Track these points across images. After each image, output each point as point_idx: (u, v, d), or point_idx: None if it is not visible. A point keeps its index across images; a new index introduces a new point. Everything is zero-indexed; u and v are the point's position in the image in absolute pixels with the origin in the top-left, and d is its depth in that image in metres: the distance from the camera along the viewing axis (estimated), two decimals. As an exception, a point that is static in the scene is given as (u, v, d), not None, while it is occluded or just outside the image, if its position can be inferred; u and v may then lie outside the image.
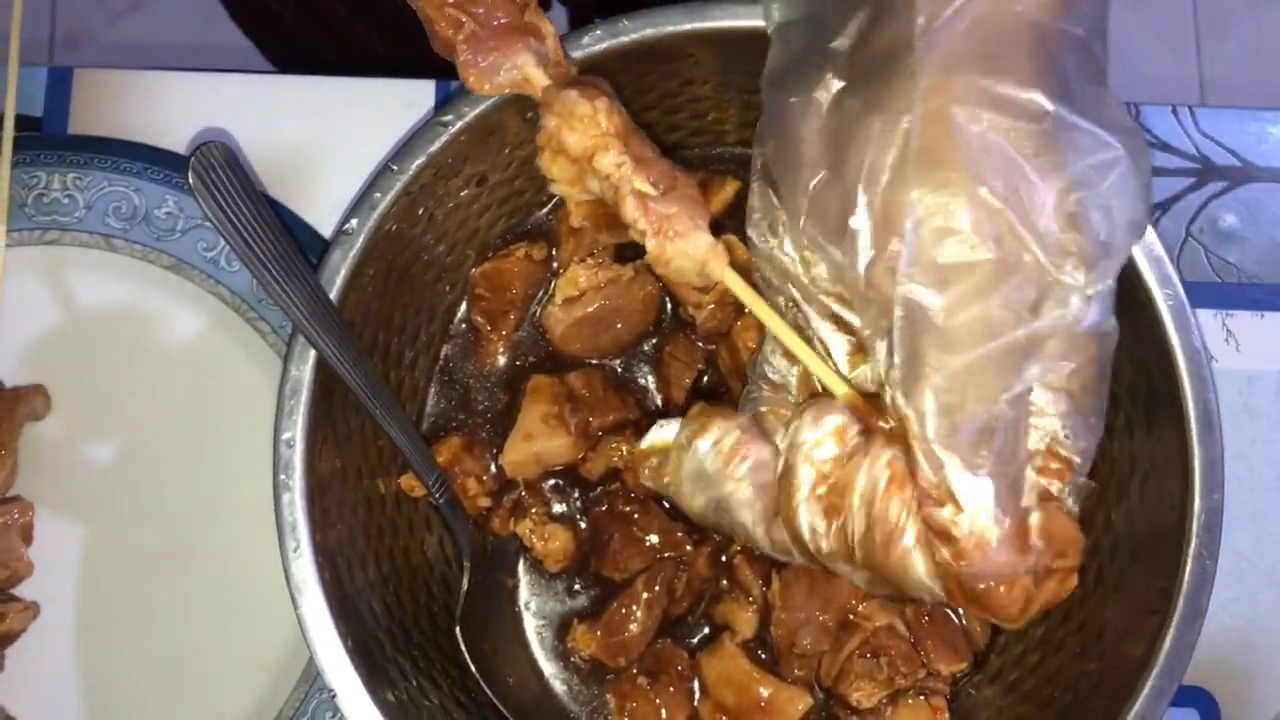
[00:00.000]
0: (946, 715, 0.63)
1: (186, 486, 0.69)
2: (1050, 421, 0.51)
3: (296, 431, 0.57)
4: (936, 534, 0.50)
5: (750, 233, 0.56)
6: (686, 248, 0.55)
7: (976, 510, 0.49)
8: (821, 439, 0.53)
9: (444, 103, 0.62)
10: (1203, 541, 0.56)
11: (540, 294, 0.68)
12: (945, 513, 0.50)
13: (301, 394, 0.57)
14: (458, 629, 0.62)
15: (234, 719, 0.66)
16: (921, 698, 0.63)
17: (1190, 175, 0.74)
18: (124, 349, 0.70)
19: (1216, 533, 0.56)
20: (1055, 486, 0.51)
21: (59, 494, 0.69)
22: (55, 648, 0.67)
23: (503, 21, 0.57)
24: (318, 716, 0.65)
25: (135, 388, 0.70)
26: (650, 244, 0.55)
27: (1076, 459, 0.52)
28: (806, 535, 0.53)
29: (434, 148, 0.58)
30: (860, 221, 0.50)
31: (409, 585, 0.64)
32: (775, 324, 0.56)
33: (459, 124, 0.59)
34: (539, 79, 0.57)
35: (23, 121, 0.72)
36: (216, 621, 0.67)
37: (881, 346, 0.52)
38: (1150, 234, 0.58)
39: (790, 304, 0.56)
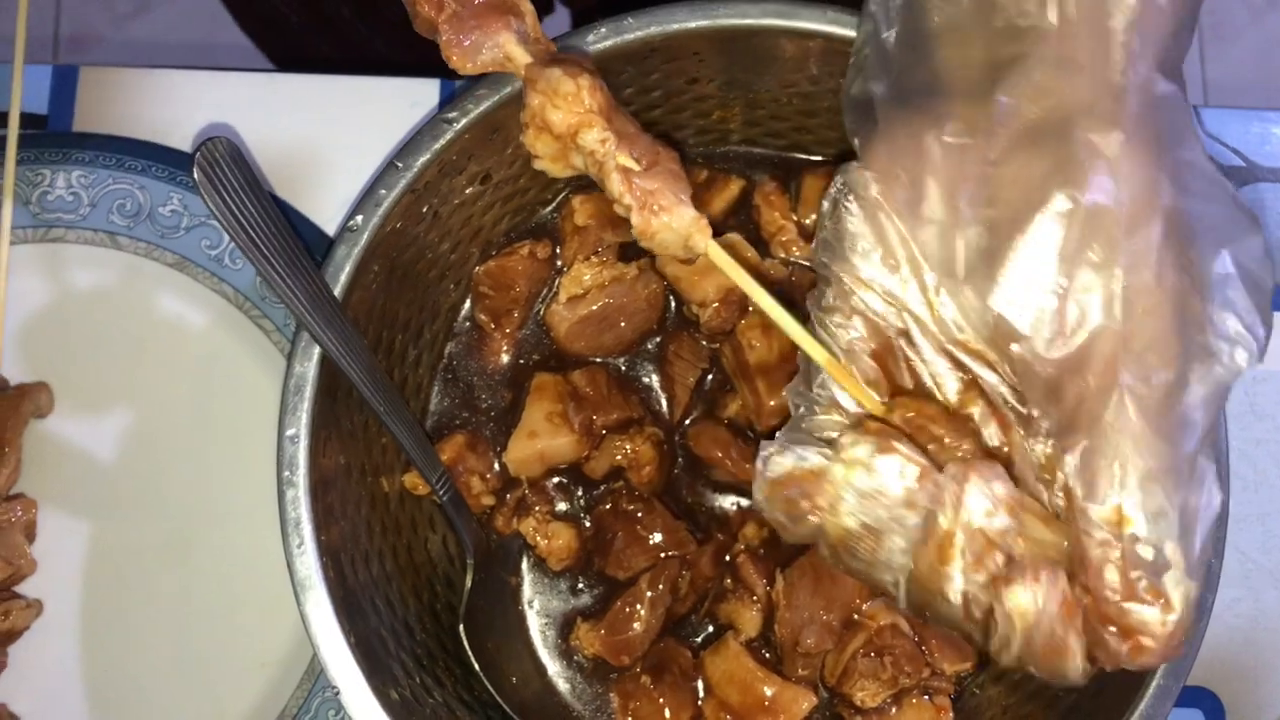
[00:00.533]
0: (951, 715, 0.63)
1: (190, 484, 0.69)
2: None
3: (300, 428, 0.56)
4: (1124, 631, 0.48)
5: (853, 263, 0.52)
6: (670, 221, 0.55)
7: (1186, 613, 0.48)
8: (990, 505, 0.50)
9: (448, 101, 0.62)
10: (1209, 539, 0.56)
11: (544, 292, 0.68)
12: (1152, 614, 0.48)
13: (305, 390, 0.57)
14: (461, 627, 0.62)
15: (237, 716, 0.66)
16: (926, 697, 0.63)
17: (1195, 175, 0.74)
18: (128, 346, 0.70)
19: (1222, 532, 0.56)
20: None
21: (62, 491, 0.69)
22: (58, 645, 0.67)
23: (482, 1, 0.56)
24: (321, 714, 0.65)
25: (139, 385, 0.70)
26: (635, 219, 0.55)
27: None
28: (956, 600, 0.50)
29: (438, 145, 0.58)
30: (1052, 300, 0.48)
31: (412, 583, 0.64)
32: (766, 303, 0.55)
33: (463, 121, 0.59)
34: (521, 57, 0.56)
35: (27, 119, 0.72)
36: (220, 618, 0.67)
37: (1043, 436, 0.50)
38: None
39: (891, 342, 0.53)
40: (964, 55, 0.52)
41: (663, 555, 0.64)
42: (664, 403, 0.67)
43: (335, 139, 0.72)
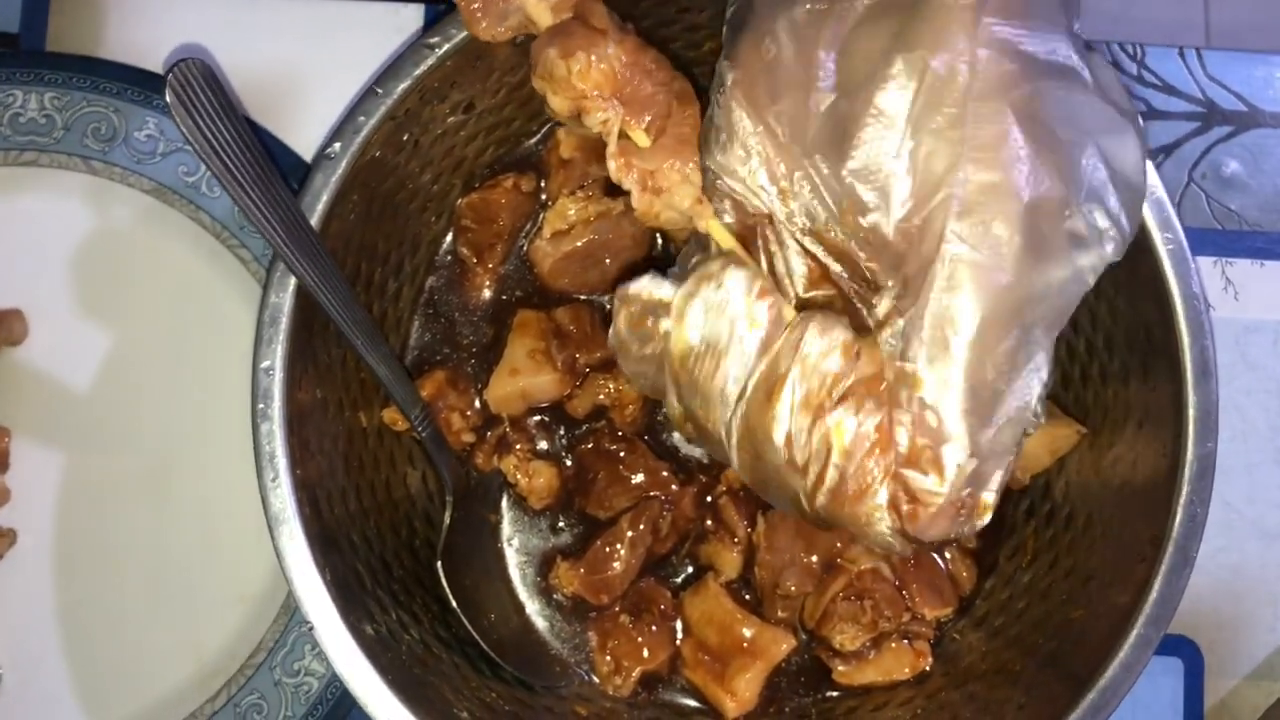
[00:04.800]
0: (930, 659, 0.63)
1: (166, 415, 0.68)
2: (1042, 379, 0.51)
3: (276, 360, 0.55)
4: (908, 496, 0.50)
5: (715, 156, 0.53)
6: (671, 200, 0.54)
7: (956, 486, 0.49)
8: (829, 351, 0.51)
9: (431, 25, 0.60)
10: (1194, 489, 0.56)
11: (528, 226, 0.67)
12: (927, 482, 0.49)
13: (281, 321, 0.56)
14: (439, 564, 0.62)
15: (213, 649, 0.66)
16: (905, 641, 0.63)
17: (1194, 119, 0.72)
18: (102, 274, 0.68)
19: (1208, 481, 0.56)
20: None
21: (36, 420, 0.68)
22: (32, 576, 0.67)
23: None
24: (297, 649, 0.65)
25: (114, 314, 0.68)
26: (635, 201, 0.55)
27: (1043, 417, 0.52)
28: (780, 441, 0.52)
29: (420, 71, 0.57)
30: (900, 167, 0.48)
31: (390, 519, 0.63)
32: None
33: (446, 47, 0.57)
34: (543, 18, 0.55)
35: (-1, 38, 0.70)
36: (196, 551, 0.67)
37: (888, 299, 0.51)
38: (1153, 176, 0.56)
39: (756, 227, 0.54)
40: None
41: (644, 495, 0.64)
42: (649, 341, 0.66)
43: (315, 64, 0.70)
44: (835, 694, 0.64)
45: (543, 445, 0.65)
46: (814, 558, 0.63)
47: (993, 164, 0.47)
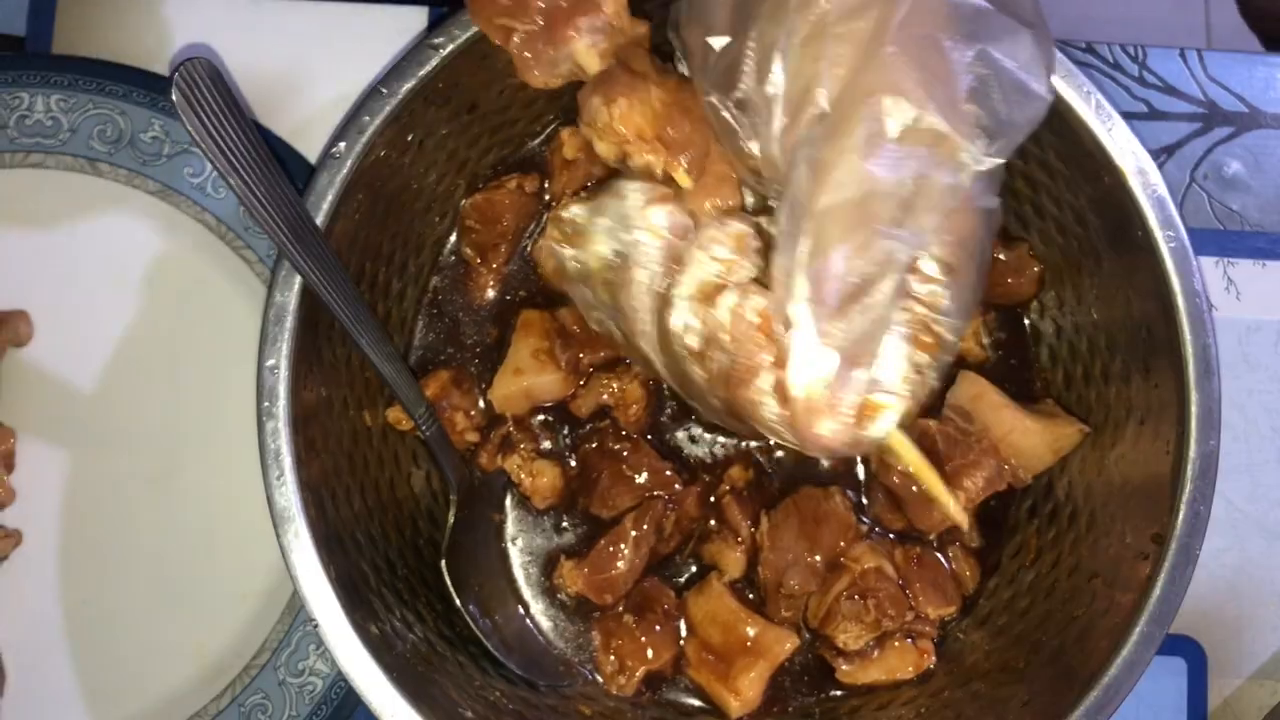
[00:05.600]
0: (933, 658, 0.63)
1: (171, 414, 0.68)
2: (932, 290, 0.51)
3: (281, 358, 0.56)
4: (776, 398, 0.51)
5: (694, 71, 0.55)
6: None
7: (811, 381, 0.50)
8: (721, 237, 0.53)
9: (435, 26, 0.60)
10: (1197, 487, 0.56)
11: (532, 227, 0.67)
12: (789, 372, 0.50)
13: (286, 320, 0.56)
14: (443, 563, 0.62)
15: (217, 648, 0.66)
16: (909, 640, 0.63)
17: (1196, 120, 0.73)
18: (108, 275, 0.69)
19: (1211, 479, 0.56)
20: (924, 360, 0.52)
21: (41, 420, 0.68)
22: (37, 575, 0.67)
23: (556, 6, 0.56)
24: (301, 648, 0.65)
25: (119, 314, 0.69)
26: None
27: (949, 336, 0.52)
28: (680, 328, 0.54)
29: (424, 71, 0.57)
30: (776, 87, 0.50)
31: (394, 518, 0.63)
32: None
33: (450, 47, 0.57)
34: (591, 65, 0.57)
35: (4, 40, 0.71)
36: (201, 550, 0.67)
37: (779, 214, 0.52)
38: (1154, 174, 0.57)
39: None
40: None
41: (648, 495, 0.64)
42: (652, 342, 0.67)
43: (319, 65, 0.70)
44: (839, 693, 0.64)
45: (546, 445, 0.65)
46: (817, 557, 0.63)
47: (849, 71, 0.48)
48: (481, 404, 0.65)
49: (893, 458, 0.63)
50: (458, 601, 0.61)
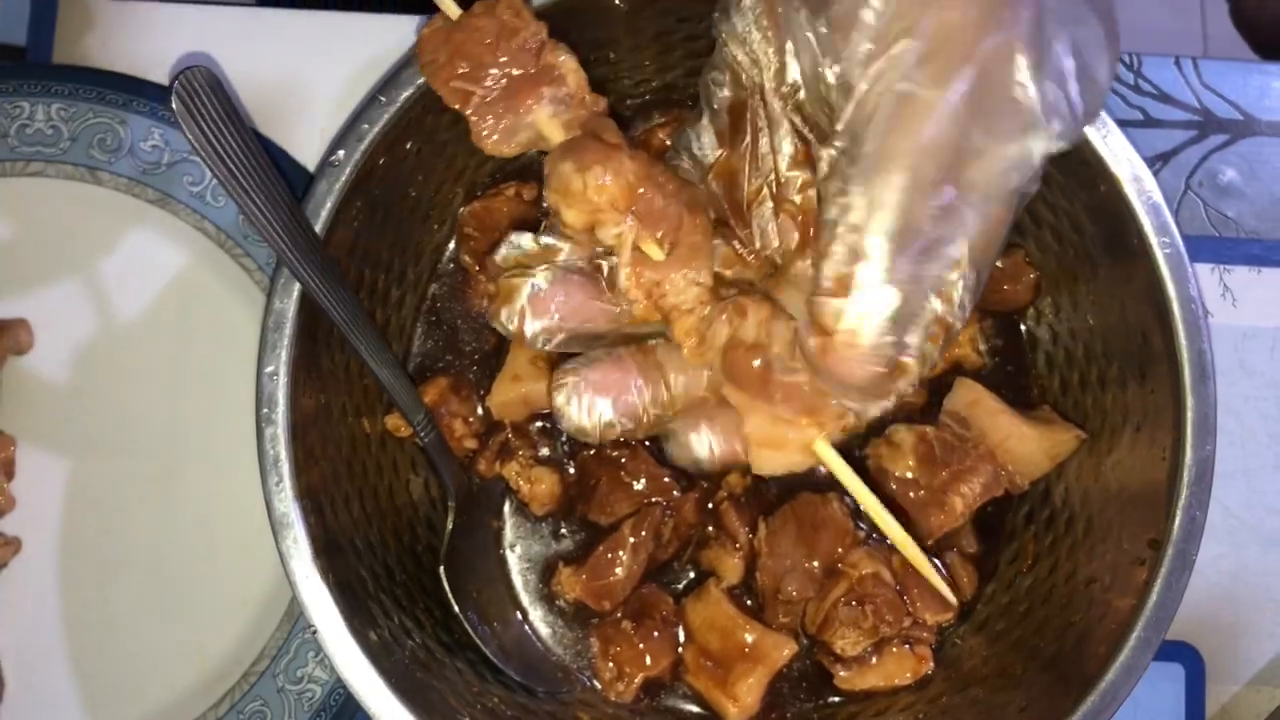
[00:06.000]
0: (931, 664, 0.63)
1: (170, 422, 0.68)
2: (960, 275, 0.49)
3: (280, 365, 0.56)
4: (815, 324, 0.49)
5: (722, 22, 0.54)
6: (672, 303, 0.56)
7: (866, 313, 0.48)
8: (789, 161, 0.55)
9: (435, 36, 0.61)
10: (1193, 493, 0.56)
11: (530, 234, 0.67)
12: (834, 304, 0.48)
13: (285, 327, 0.56)
14: (442, 569, 0.62)
15: (217, 655, 0.66)
16: (907, 646, 0.63)
17: (1191, 128, 0.73)
18: (108, 283, 0.69)
19: (1207, 484, 0.56)
20: (929, 349, 0.50)
21: (42, 428, 0.68)
22: (37, 582, 0.67)
23: (517, 74, 0.56)
24: (300, 655, 0.65)
25: (119, 323, 0.69)
26: (637, 309, 0.56)
27: (956, 324, 0.50)
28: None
29: (423, 79, 0.57)
30: (870, 14, 0.47)
31: (393, 525, 0.63)
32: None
33: (449, 56, 0.57)
34: (554, 134, 0.56)
35: (5, 50, 0.71)
36: (200, 557, 0.67)
37: (835, 147, 0.50)
38: (1150, 181, 0.57)
39: (747, 103, 0.54)
40: None
41: (646, 501, 0.64)
42: (650, 349, 0.67)
43: (317, 74, 0.71)
44: (837, 699, 0.64)
45: (544, 451, 0.66)
46: (815, 563, 0.63)
47: (956, 10, 0.47)
48: (480, 411, 0.65)
49: (888, 462, 0.64)
50: (456, 608, 0.61)
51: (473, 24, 0.56)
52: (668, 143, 0.65)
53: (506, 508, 0.66)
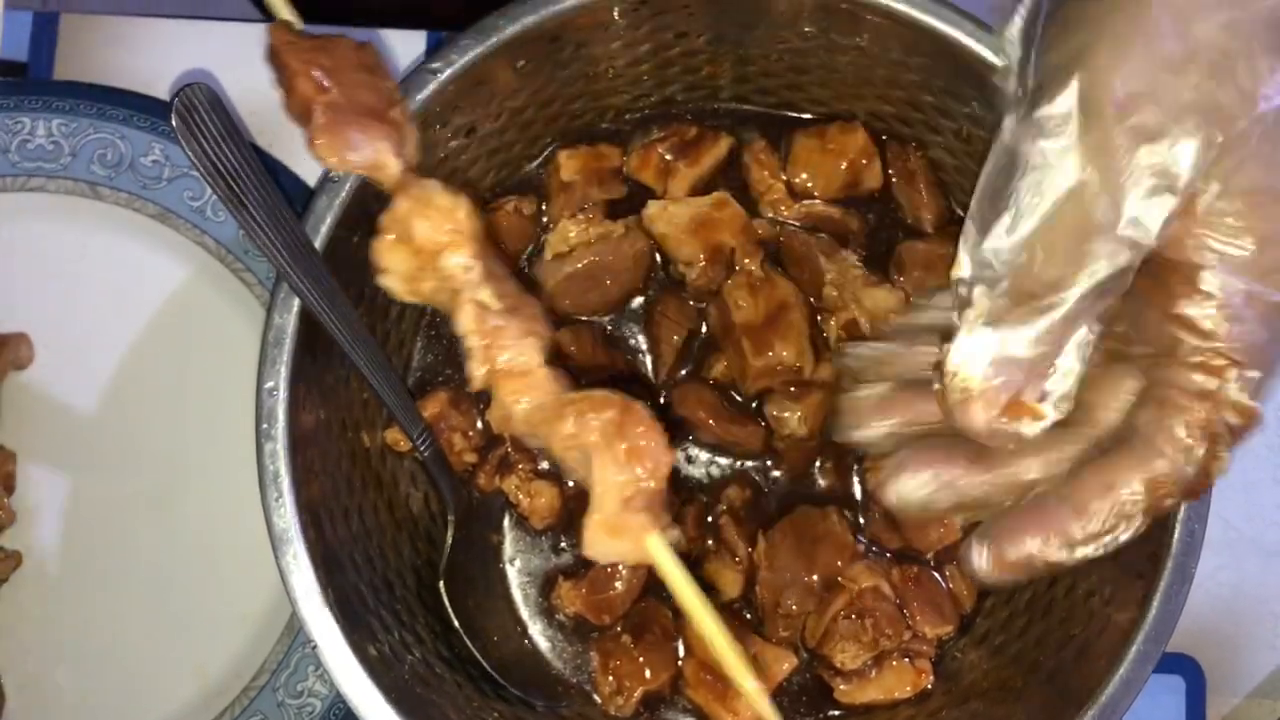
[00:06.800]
0: (931, 678, 0.63)
1: (170, 437, 0.68)
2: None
3: (279, 380, 0.56)
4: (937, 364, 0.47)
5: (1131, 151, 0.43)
6: (511, 363, 0.51)
7: (964, 361, 0.45)
8: None
9: (433, 52, 0.61)
10: (1192, 505, 0.56)
11: (529, 249, 0.67)
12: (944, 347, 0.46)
13: (285, 343, 0.56)
14: (441, 584, 0.62)
15: (217, 671, 0.66)
16: (907, 660, 0.63)
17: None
18: (108, 298, 0.69)
19: (1206, 498, 0.56)
20: (1212, 383, 0.44)
21: (41, 443, 0.68)
22: (37, 597, 0.67)
23: (366, 103, 0.52)
24: (300, 669, 0.65)
25: (119, 337, 0.69)
26: (475, 368, 0.51)
27: (1234, 347, 0.43)
28: None
29: (422, 95, 0.57)
30: None
31: (393, 539, 0.63)
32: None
33: (447, 72, 0.58)
34: (394, 166, 0.52)
35: (6, 66, 0.71)
36: (200, 572, 0.67)
37: None
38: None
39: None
40: None
41: (645, 515, 0.64)
42: (649, 363, 0.67)
43: (319, 90, 0.71)
44: (837, 713, 0.64)
45: (544, 465, 0.66)
46: (815, 577, 0.63)
47: None
48: (480, 425, 0.65)
49: None
50: (456, 622, 0.62)
51: (338, 47, 0.53)
52: (667, 157, 0.66)
53: (506, 522, 0.66)
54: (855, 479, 0.66)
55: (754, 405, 0.66)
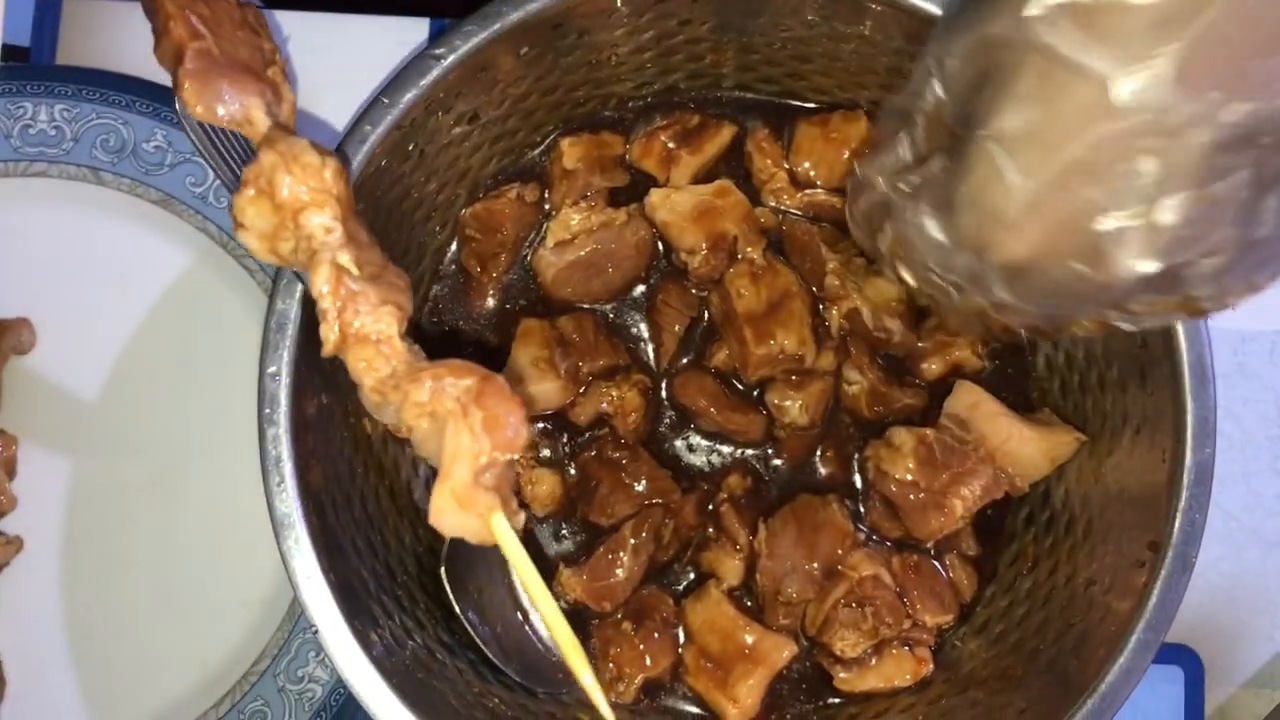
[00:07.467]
0: (931, 666, 0.63)
1: (172, 422, 0.68)
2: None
3: (282, 366, 0.56)
4: None
5: None
6: (365, 329, 0.48)
7: None
8: None
9: (436, 38, 0.61)
10: (1193, 495, 0.56)
11: (532, 236, 0.67)
12: None
13: (287, 328, 0.56)
14: (443, 570, 0.62)
15: (218, 655, 0.66)
16: (906, 648, 0.63)
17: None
18: (110, 283, 0.69)
19: (1207, 486, 0.56)
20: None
21: (43, 428, 0.68)
22: (39, 582, 0.67)
23: (246, 59, 0.51)
24: (301, 655, 0.65)
25: (121, 322, 0.69)
26: (326, 331, 0.49)
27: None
28: None
29: (425, 81, 0.57)
30: None
31: (394, 525, 0.63)
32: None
33: (451, 58, 0.58)
34: (263, 122, 0.50)
35: (9, 51, 0.71)
36: (202, 557, 0.67)
37: None
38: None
39: None
40: None
41: (646, 503, 0.64)
42: (651, 351, 0.67)
43: (321, 76, 0.71)
44: (837, 700, 0.64)
45: (545, 453, 0.66)
46: (815, 565, 0.63)
47: None
48: (481, 412, 0.65)
49: (887, 464, 0.63)
50: (457, 608, 0.62)
51: (219, 1, 0.53)
52: (669, 145, 0.66)
53: (507, 509, 0.66)
54: (855, 468, 0.66)
55: (755, 394, 0.66)
